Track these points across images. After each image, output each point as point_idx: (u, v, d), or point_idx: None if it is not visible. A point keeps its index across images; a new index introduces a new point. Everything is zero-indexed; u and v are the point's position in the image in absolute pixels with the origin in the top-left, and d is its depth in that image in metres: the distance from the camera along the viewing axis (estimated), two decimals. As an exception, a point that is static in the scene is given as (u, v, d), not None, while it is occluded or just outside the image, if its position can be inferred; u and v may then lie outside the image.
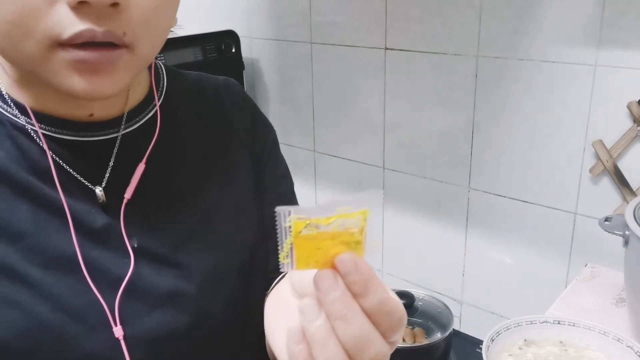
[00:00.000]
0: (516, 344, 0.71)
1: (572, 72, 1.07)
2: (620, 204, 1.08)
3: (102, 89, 0.45)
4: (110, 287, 0.50)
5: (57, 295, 0.48)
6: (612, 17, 1.01)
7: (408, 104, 1.33)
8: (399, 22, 1.29)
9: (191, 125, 0.61)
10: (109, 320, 0.49)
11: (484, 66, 1.19)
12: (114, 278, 0.51)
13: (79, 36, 0.42)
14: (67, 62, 0.43)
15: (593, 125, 1.08)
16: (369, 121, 1.40)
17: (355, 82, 1.40)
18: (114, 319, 0.49)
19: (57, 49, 0.43)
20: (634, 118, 1.03)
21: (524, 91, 1.15)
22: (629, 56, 1.01)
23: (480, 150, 1.25)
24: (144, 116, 0.57)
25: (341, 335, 0.33)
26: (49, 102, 0.50)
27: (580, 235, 1.15)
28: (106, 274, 0.50)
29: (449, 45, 1.22)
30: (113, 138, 0.54)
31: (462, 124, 1.26)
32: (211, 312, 0.55)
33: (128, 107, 0.55)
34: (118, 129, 0.54)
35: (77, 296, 0.48)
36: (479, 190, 1.27)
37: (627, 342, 0.67)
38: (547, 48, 1.09)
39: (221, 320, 0.56)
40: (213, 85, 0.66)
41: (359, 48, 1.38)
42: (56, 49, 0.43)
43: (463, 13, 1.18)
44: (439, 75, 1.26)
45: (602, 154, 1.07)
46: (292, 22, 1.48)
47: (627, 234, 0.79)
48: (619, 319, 0.90)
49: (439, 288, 1.41)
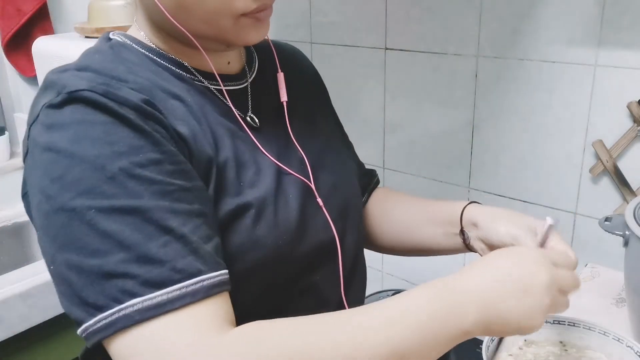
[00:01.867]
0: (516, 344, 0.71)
1: (572, 72, 1.07)
2: (620, 204, 1.08)
3: (263, 34, 0.66)
4: (303, 175, 0.71)
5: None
6: (612, 17, 1.01)
7: (408, 104, 1.33)
8: (399, 22, 1.29)
9: (284, 67, 0.79)
10: (314, 193, 0.72)
11: (484, 66, 1.19)
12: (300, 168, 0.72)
13: (258, 9, 0.62)
14: (248, 23, 0.63)
15: (593, 125, 1.08)
16: (369, 121, 1.40)
17: (355, 82, 1.40)
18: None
19: (242, 17, 0.62)
20: (634, 118, 1.03)
21: (524, 91, 1.15)
22: (629, 56, 1.01)
23: (480, 150, 1.25)
24: (253, 70, 0.76)
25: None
26: (203, 61, 0.68)
27: (580, 235, 1.15)
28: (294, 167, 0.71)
29: (449, 45, 1.22)
30: (245, 87, 0.73)
31: (462, 124, 1.25)
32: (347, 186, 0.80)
33: (243, 60, 0.76)
34: (246, 78, 0.74)
35: (292, 183, 0.69)
36: (479, 190, 1.27)
37: (627, 342, 0.67)
38: (547, 48, 1.09)
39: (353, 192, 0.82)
40: (279, 43, 0.86)
41: (359, 48, 1.38)
42: (241, 18, 0.62)
43: (463, 13, 1.18)
44: (439, 75, 1.26)
45: (602, 154, 1.07)
46: (292, 22, 1.48)
47: (627, 234, 0.79)
48: (619, 319, 0.90)
49: (439, 288, 1.41)
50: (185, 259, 0.53)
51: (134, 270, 0.51)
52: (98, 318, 0.51)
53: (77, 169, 0.53)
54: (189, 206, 0.56)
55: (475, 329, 0.54)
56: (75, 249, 0.52)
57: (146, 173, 0.54)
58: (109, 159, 0.53)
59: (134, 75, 0.62)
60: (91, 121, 0.54)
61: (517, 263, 0.57)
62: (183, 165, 0.58)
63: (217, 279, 0.55)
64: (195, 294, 0.52)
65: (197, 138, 0.61)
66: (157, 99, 0.60)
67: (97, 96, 0.55)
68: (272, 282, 0.66)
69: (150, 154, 0.55)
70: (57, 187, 0.53)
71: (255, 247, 0.63)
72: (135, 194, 0.53)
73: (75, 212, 0.52)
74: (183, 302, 0.51)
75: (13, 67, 1.98)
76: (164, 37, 0.67)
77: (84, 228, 0.52)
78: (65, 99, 0.55)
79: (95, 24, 1.48)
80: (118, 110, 0.55)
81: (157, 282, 0.51)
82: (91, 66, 0.61)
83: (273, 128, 0.73)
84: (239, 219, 0.62)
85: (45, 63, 1.53)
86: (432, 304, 0.54)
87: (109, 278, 0.51)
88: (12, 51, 1.95)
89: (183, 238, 0.53)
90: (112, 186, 0.52)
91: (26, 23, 1.87)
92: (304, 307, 0.68)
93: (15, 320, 1.20)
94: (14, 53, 1.95)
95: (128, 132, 0.55)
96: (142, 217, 0.52)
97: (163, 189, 0.54)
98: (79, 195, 0.52)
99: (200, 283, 0.53)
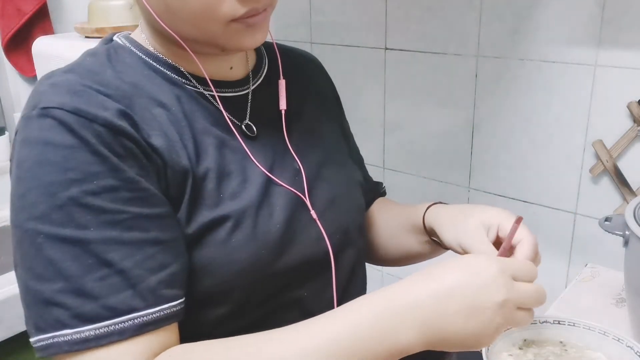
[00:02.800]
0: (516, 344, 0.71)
1: (572, 72, 1.07)
2: (620, 204, 1.08)
3: (259, 40, 0.63)
4: (297, 187, 0.69)
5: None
6: (612, 17, 1.01)
7: (408, 104, 1.33)
8: (399, 22, 1.29)
9: (294, 75, 0.78)
10: (308, 206, 0.70)
11: (484, 66, 1.19)
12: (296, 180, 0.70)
13: (247, 13, 0.59)
14: (240, 29, 0.61)
15: (593, 125, 1.08)
16: (369, 121, 1.40)
17: (355, 82, 1.40)
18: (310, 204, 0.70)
19: (232, 22, 0.60)
20: (634, 118, 1.03)
21: (524, 91, 1.15)
22: (629, 56, 1.01)
23: (480, 150, 1.25)
24: (260, 76, 0.75)
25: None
26: (206, 67, 0.67)
27: (580, 235, 1.15)
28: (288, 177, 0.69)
29: (449, 45, 1.22)
30: (245, 94, 0.72)
31: (462, 124, 1.25)
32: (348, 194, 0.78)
33: (250, 66, 0.74)
34: (249, 85, 0.73)
35: (283, 195, 0.67)
36: (479, 190, 1.27)
37: (627, 342, 0.67)
38: (547, 48, 1.09)
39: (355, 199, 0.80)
40: (294, 50, 0.86)
41: (359, 48, 1.38)
42: (231, 23, 0.60)
43: (463, 13, 1.18)
44: (439, 75, 1.26)
45: (602, 154, 1.07)
46: (292, 22, 1.48)
47: (627, 234, 0.79)
48: (619, 319, 0.90)
49: (439, 288, 1.41)
50: (118, 295, 0.53)
51: (69, 302, 0.52)
52: (38, 338, 0.53)
53: (34, 192, 0.54)
54: (142, 234, 0.56)
55: (414, 347, 0.53)
56: (25, 268, 0.54)
57: (97, 202, 0.54)
58: (61, 187, 0.53)
59: (120, 81, 0.61)
60: (54, 143, 0.54)
61: (465, 278, 0.52)
62: (143, 192, 0.57)
63: (152, 317, 0.55)
64: (123, 332, 0.53)
65: (172, 149, 0.60)
66: (136, 108, 0.60)
67: (65, 115, 0.55)
68: (250, 296, 0.64)
69: (106, 180, 0.55)
70: (19, 205, 0.55)
71: (230, 261, 0.62)
72: (81, 224, 0.53)
73: (28, 233, 0.54)
74: (110, 339, 0.52)
75: (13, 67, 1.98)
76: (162, 40, 0.67)
77: (33, 251, 0.54)
78: (37, 115, 0.56)
79: (95, 24, 1.48)
80: (80, 132, 0.55)
81: (88, 317, 0.52)
82: (79, 69, 0.62)
83: (271, 137, 0.71)
84: (213, 231, 0.61)
85: (45, 63, 1.53)
86: (376, 317, 0.53)
87: (47, 304, 0.53)
88: (12, 51, 1.95)
89: (122, 272, 0.54)
90: (61, 215, 0.53)
91: (26, 23, 1.87)
92: (288, 321, 0.66)
93: (15, 320, 1.20)
94: (14, 53, 1.95)
95: (87, 157, 0.54)
96: (84, 248, 0.53)
97: (113, 219, 0.54)
98: (32, 219, 0.54)
99: (131, 321, 0.53)
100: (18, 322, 1.21)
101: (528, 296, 0.54)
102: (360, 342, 0.52)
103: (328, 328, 0.53)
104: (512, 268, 0.54)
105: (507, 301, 0.52)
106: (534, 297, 0.54)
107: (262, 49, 0.79)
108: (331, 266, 0.71)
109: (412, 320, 0.52)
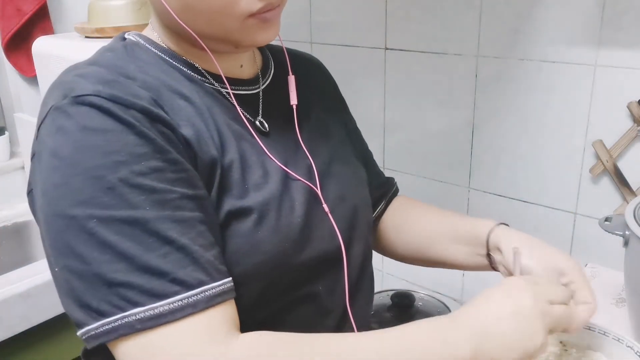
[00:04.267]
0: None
1: (572, 72, 1.07)
2: (620, 204, 1.08)
3: (271, 35, 0.65)
4: (311, 182, 0.70)
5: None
6: (612, 17, 1.00)
7: (408, 104, 1.33)
8: (399, 22, 1.29)
9: (300, 75, 0.78)
10: (321, 201, 0.71)
11: (484, 66, 1.19)
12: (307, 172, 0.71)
13: (264, 8, 0.61)
14: (255, 24, 0.62)
15: (593, 125, 1.08)
16: (369, 121, 1.40)
17: (355, 82, 1.40)
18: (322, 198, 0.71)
19: (248, 18, 0.61)
20: (634, 118, 1.03)
21: (524, 91, 1.15)
22: (629, 56, 1.01)
23: (480, 150, 1.25)
24: (268, 76, 0.76)
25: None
26: (214, 64, 0.67)
27: (580, 235, 1.15)
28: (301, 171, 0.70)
29: (449, 45, 1.22)
30: (257, 93, 0.73)
31: (462, 124, 1.25)
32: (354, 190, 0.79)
33: (257, 66, 0.76)
34: (259, 84, 0.74)
35: (297, 188, 0.68)
36: (479, 190, 1.27)
37: (627, 342, 0.67)
38: (547, 48, 1.09)
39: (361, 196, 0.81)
40: (298, 52, 0.87)
41: (359, 48, 1.38)
42: (247, 19, 0.61)
43: (463, 13, 1.18)
44: (439, 75, 1.26)
45: (602, 154, 1.07)
46: (292, 22, 1.48)
47: (627, 234, 0.79)
48: (619, 319, 0.90)
49: (439, 288, 1.41)
50: (185, 269, 0.53)
51: (135, 280, 0.52)
52: (101, 323, 0.52)
53: (78, 178, 0.53)
54: (190, 213, 0.56)
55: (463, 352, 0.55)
56: (75, 256, 0.53)
57: (147, 182, 0.54)
58: (108, 170, 0.53)
59: (144, 74, 0.62)
60: (94, 128, 0.54)
61: (504, 296, 0.58)
62: (186, 172, 0.58)
63: (219, 289, 0.55)
64: (196, 304, 0.53)
65: (201, 139, 0.61)
66: (164, 99, 0.61)
67: (103, 101, 0.55)
68: (269, 288, 0.65)
69: (152, 161, 0.55)
70: (59, 193, 0.54)
71: (255, 252, 0.62)
72: (135, 204, 0.53)
73: (75, 219, 0.53)
74: (183, 313, 0.52)
75: (13, 67, 1.98)
76: (176, 38, 0.67)
77: (84, 236, 0.52)
78: (71, 102, 0.55)
79: (95, 24, 1.48)
80: (122, 115, 0.55)
81: (158, 293, 0.52)
82: (102, 63, 0.62)
83: (283, 134, 0.72)
84: (240, 221, 0.62)
85: (45, 63, 1.53)
86: (429, 339, 0.56)
87: (111, 286, 0.52)
88: (12, 51, 1.94)
89: (183, 248, 0.54)
90: (112, 197, 0.53)
91: (26, 23, 1.87)
92: (303, 316, 0.68)
93: (15, 320, 1.20)
94: (14, 53, 1.95)
95: (131, 139, 0.55)
96: (142, 228, 0.53)
97: (164, 198, 0.55)
98: (79, 204, 0.53)
99: (202, 294, 0.54)
100: (18, 322, 1.21)
101: (551, 292, 0.60)
102: (427, 350, 0.55)
103: (406, 331, 0.57)
104: (538, 282, 0.61)
105: (536, 298, 0.57)
106: (558, 292, 0.60)
107: (266, 51, 0.80)
108: (343, 261, 0.72)
109: (471, 334, 0.55)
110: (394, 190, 0.94)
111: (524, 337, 0.55)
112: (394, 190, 0.94)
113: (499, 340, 0.55)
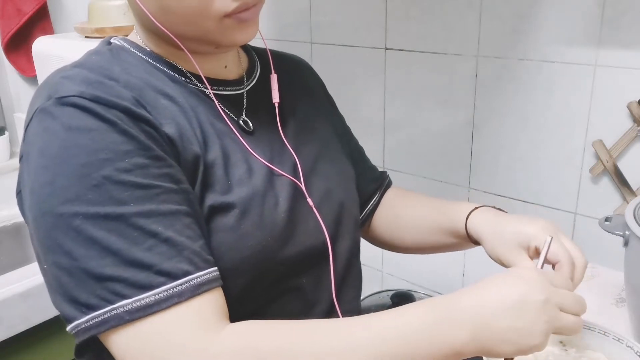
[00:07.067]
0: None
1: (572, 72, 1.07)
2: (620, 204, 1.08)
3: (250, 35, 0.66)
4: (295, 178, 0.71)
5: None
6: (612, 17, 1.01)
7: (408, 104, 1.33)
8: (399, 22, 1.29)
9: (285, 74, 0.80)
10: (306, 197, 0.72)
11: (484, 66, 1.19)
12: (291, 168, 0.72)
13: (239, 8, 0.62)
14: (232, 24, 0.63)
15: (593, 125, 1.08)
16: (369, 121, 1.40)
17: (355, 82, 1.40)
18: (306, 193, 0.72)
19: (224, 18, 0.62)
20: (634, 118, 1.03)
21: (524, 91, 1.15)
22: (629, 56, 1.01)
23: (480, 150, 1.25)
24: (253, 77, 0.77)
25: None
26: (202, 66, 0.69)
27: (580, 235, 1.15)
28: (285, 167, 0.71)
29: (449, 45, 1.22)
30: (241, 93, 0.74)
31: (462, 124, 1.26)
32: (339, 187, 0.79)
33: (242, 67, 0.77)
34: (243, 85, 0.75)
35: (282, 185, 0.69)
36: (479, 190, 1.27)
37: (627, 342, 0.67)
38: (547, 48, 1.09)
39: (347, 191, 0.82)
40: (284, 53, 0.88)
41: (359, 48, 1.38)
42: (224, 19, 0.62)
43: (463, 13, 1.18)
44: (439, 75, 1.26)
45: (602, 154, 1.07)
46: (292, 22, 1.48)
47: (627, 234, 0.79)
48: (619, 319, 0.90)
49: (439, 288, 1.41)
50: (170, 261, 0.55)
51: (122, 274, 0.53)
52: (90, 316, 0.53)
53: (64, 176, 0.55)
54: (176, 207, 0.58)
55: (467, 347, 0.54)
56: (63, 252, 0.54)
57: (131, 178, 0.56)
58: (93, 167, 0.55)
59: (128, 75, 0.63)
60: (78, 128, 0.56)
61: (512, 284, 0.56)
62: (170, 168, 0.59)
63: (204, 278, 0.57)
64: (182, 294, 0.55)
65: (184, 137, 0.63)
66: (147, 98, 0.62)
67: (85, 101, 0.57)
68: (255, 282, 0.66)
69: (136, 158, 0.56)
70: (46, 192, 0.55)
71: (239, 246, 0.63)
72: (120, 200, 0.55)
73: (63, 217, 0.54)
74: (170, 302, 0.54)
75: (13, 67, 1.98)
76: (157, 41, 0.69)
77: (72, 233, 0.54)
78: (55, 104, 0.57)
79: (95, 24, 1.48)
80: (105, 115, 0.56)
81: (145, 285, 0.53)
82: (87, 65, 0.63)
83: (267, 132, 0.73)
84: (223, 216, 0.63)
85: (45, 63, 1.53)
86: (426, 316, 0.55)
87: (99, 280, 0.53)
88: (12, 51, 1.95)
89: (168, 241, 0.56)
90: (98, 194, 0.54)
91: (26, 23, 1.87)
92: (288, 309, 0.70)
93: (15, 320, 1.20)
94: (14, 53, 1.95)
95: (115, 137, 0.56)
96: (127, 222, 0.54)
97: (148, 193, 0.56)
98: (66, 202, 0.54)
99: (187, 283, 0.55)
100: (18, 322, 1.21)
101: (567, 300, 0.57)
102: (422, 336, 0.54)
103: (401, 314, 0.56)
104: (551, 277, 0.59)
105: (548, 300, 0.55)
106: (574, 301, 0.58)
107: (253, 53, 0.82)
108: (329, 256, 0.73)
109: (468, 322, 0.54)
110: (387, 182, 0.95)
111: (522, 333, 0.54)
112: (387, 182, 0.96)
113: (496, 332, 0.54)
